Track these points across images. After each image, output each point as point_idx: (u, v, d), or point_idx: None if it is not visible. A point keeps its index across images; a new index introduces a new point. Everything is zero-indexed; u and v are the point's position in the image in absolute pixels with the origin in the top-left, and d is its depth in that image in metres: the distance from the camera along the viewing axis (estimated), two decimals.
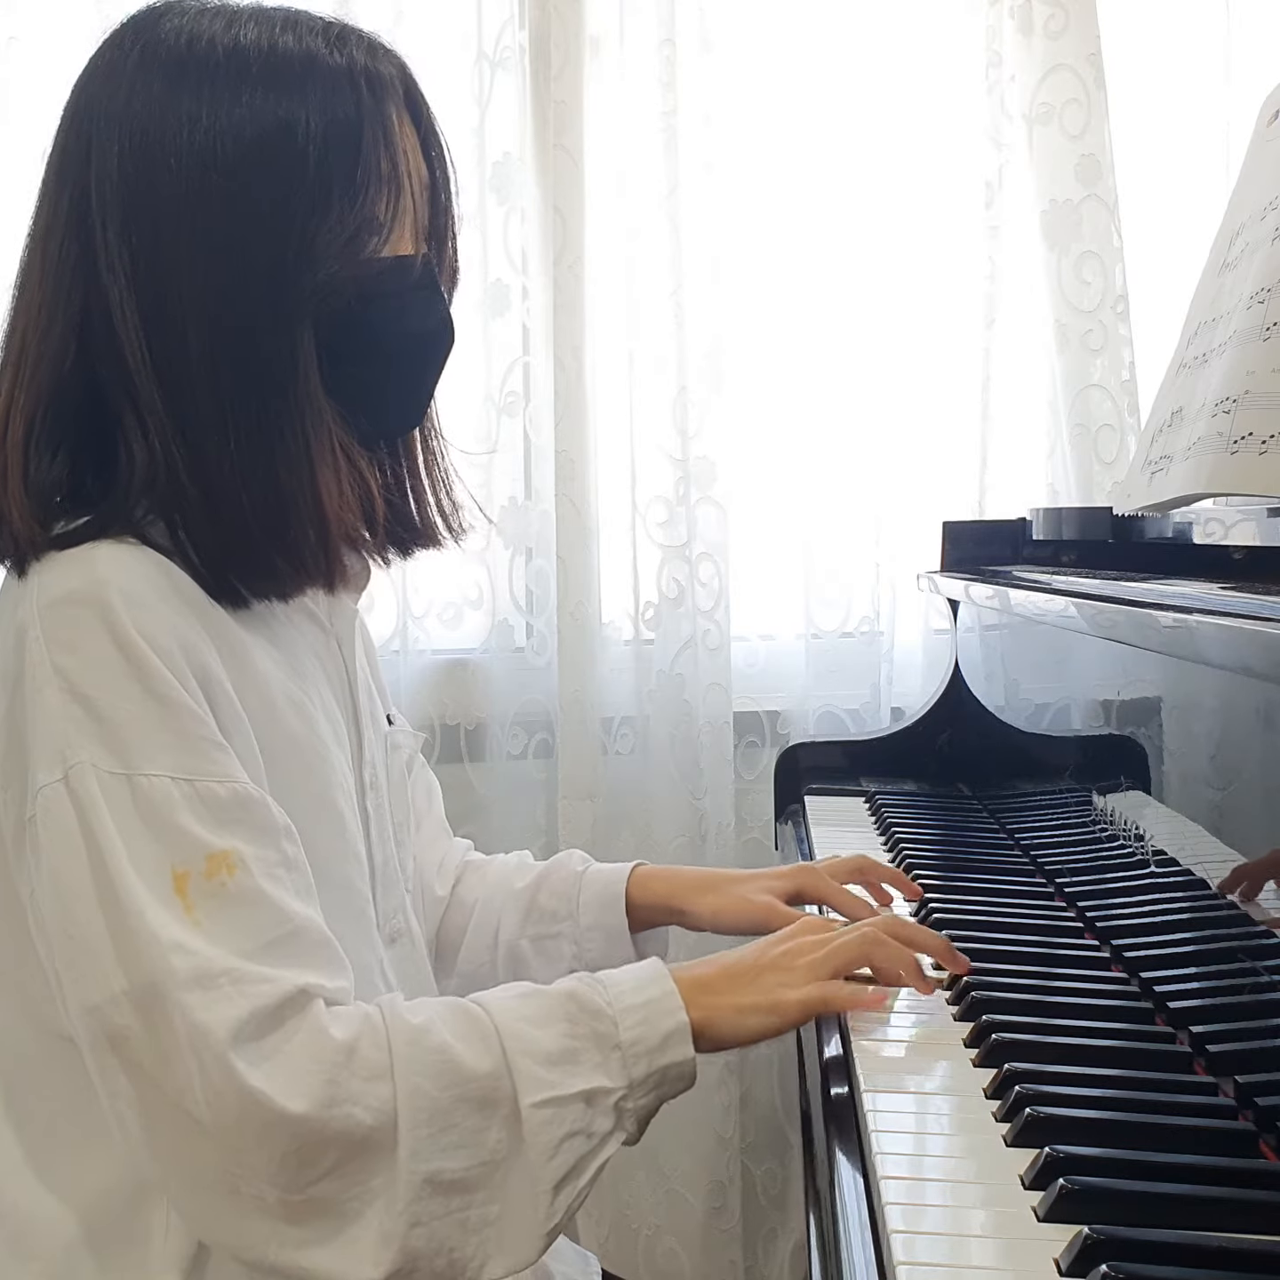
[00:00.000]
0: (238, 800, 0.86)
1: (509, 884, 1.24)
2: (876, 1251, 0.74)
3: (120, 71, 0.93)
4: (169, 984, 0.81)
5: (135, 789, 0.84)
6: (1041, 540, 1.77)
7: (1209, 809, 1.04)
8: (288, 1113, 0.82)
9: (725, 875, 1.23)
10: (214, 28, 0.93)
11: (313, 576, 0.95)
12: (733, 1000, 0.95)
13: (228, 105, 0.91)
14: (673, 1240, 2.06)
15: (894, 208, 2.05)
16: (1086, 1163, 0.78)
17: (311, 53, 0.93)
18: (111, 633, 0.85)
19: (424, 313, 0.99)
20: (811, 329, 2.07)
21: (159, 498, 0.91)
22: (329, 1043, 0.84)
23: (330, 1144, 0.83)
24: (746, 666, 2.10)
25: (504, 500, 2.01)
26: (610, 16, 2.00)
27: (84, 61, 0.97)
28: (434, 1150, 0.85)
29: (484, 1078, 0.87)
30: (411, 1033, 0.87)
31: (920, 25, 2.06)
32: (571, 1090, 0.88)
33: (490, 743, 2.04)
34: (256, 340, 0.91)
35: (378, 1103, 0.84)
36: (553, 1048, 0.89)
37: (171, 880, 0.83)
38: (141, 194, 0.91)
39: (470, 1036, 0.88)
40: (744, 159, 2.06)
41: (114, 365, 0.91)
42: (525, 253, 2.00)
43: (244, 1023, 0.82)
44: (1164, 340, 1.53)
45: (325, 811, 0.98)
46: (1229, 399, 1.08)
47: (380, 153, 0.94)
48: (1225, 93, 2.12)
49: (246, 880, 0.85)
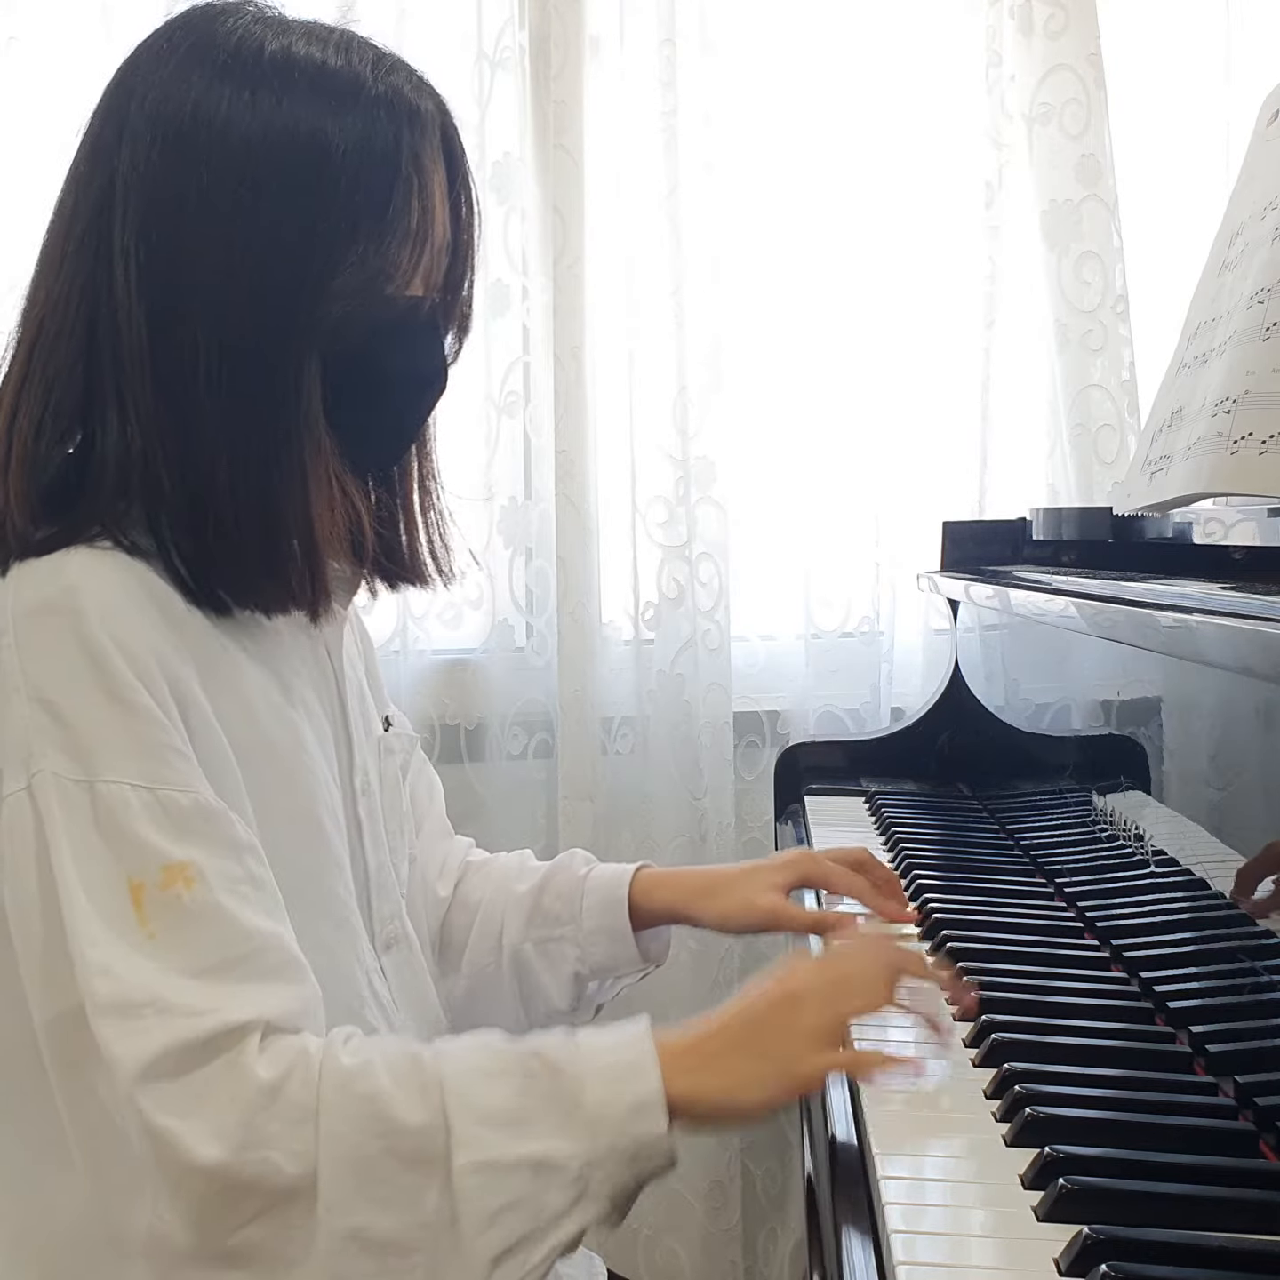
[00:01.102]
0: (200, 811, 0.84)
1: (512, 887, 1.22)
2: (876, 1251, 0.74)
3: (165, 65, 0.91)
4: (90, 1008, 0.79)
5: (95, 796, 0.82)
6: (1041, 540, 1.77)
7: (1209, 809, 1.04)
8: (199, 1157, 0.77)
9: (727, 875, 1.21)
10: (266, 35, 0.92)
11: (298, 600, 0.94)
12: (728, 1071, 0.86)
13: (266, 113, 0.89)
14: (673, 1240, 2.06)
15: (894, 208, 2.05)
16: (1086, 1163, 0.78)
17: (359, 78, 0.92)
18: (81, 640, 0.84)
19: (424, 356, 0.98)
20: (811, 329, 2.07)
21: (144, 501, 0.89)
22: (251, 1083, 0.79)
23: (250, 1190, 0.78)
24: (746, 666, 2.10)
25: (504, 500, 2.01)
26: (610, 16, 2.00)
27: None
28: (357, 1204, 0.79)
29: (415, 1132, 0.80)
30: (342, 1076, 0.81)
31: (920, 25, 2.05)
32: (514, 1154, 0.80)
33: (490, 743, 2.04)
34: (265, 359, 0.90)
35: (300, 1146, 0.79)
36: (500, 1106, 0.81)
37: (127, 891, 0.81)
38: (166, 190, 0.89)
39: (410, 1085, 0.81)
40: (744, 159, 2.06)
41: (113, 364, 0.90)
42: (525, 253, 2.00)
43: (157, 1058, 0.78)
44: (1164, 340, 1.53)
45: (305, 821, 0.96)
46: (1229, 399, 1.08)
47: (412, 202, 0.92)
48: (1225, 93, 2.12)
49: (203, 894, 0.82)
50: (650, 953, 1.19)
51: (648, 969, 1.20)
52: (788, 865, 1.20)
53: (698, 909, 1.18)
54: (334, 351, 0.92)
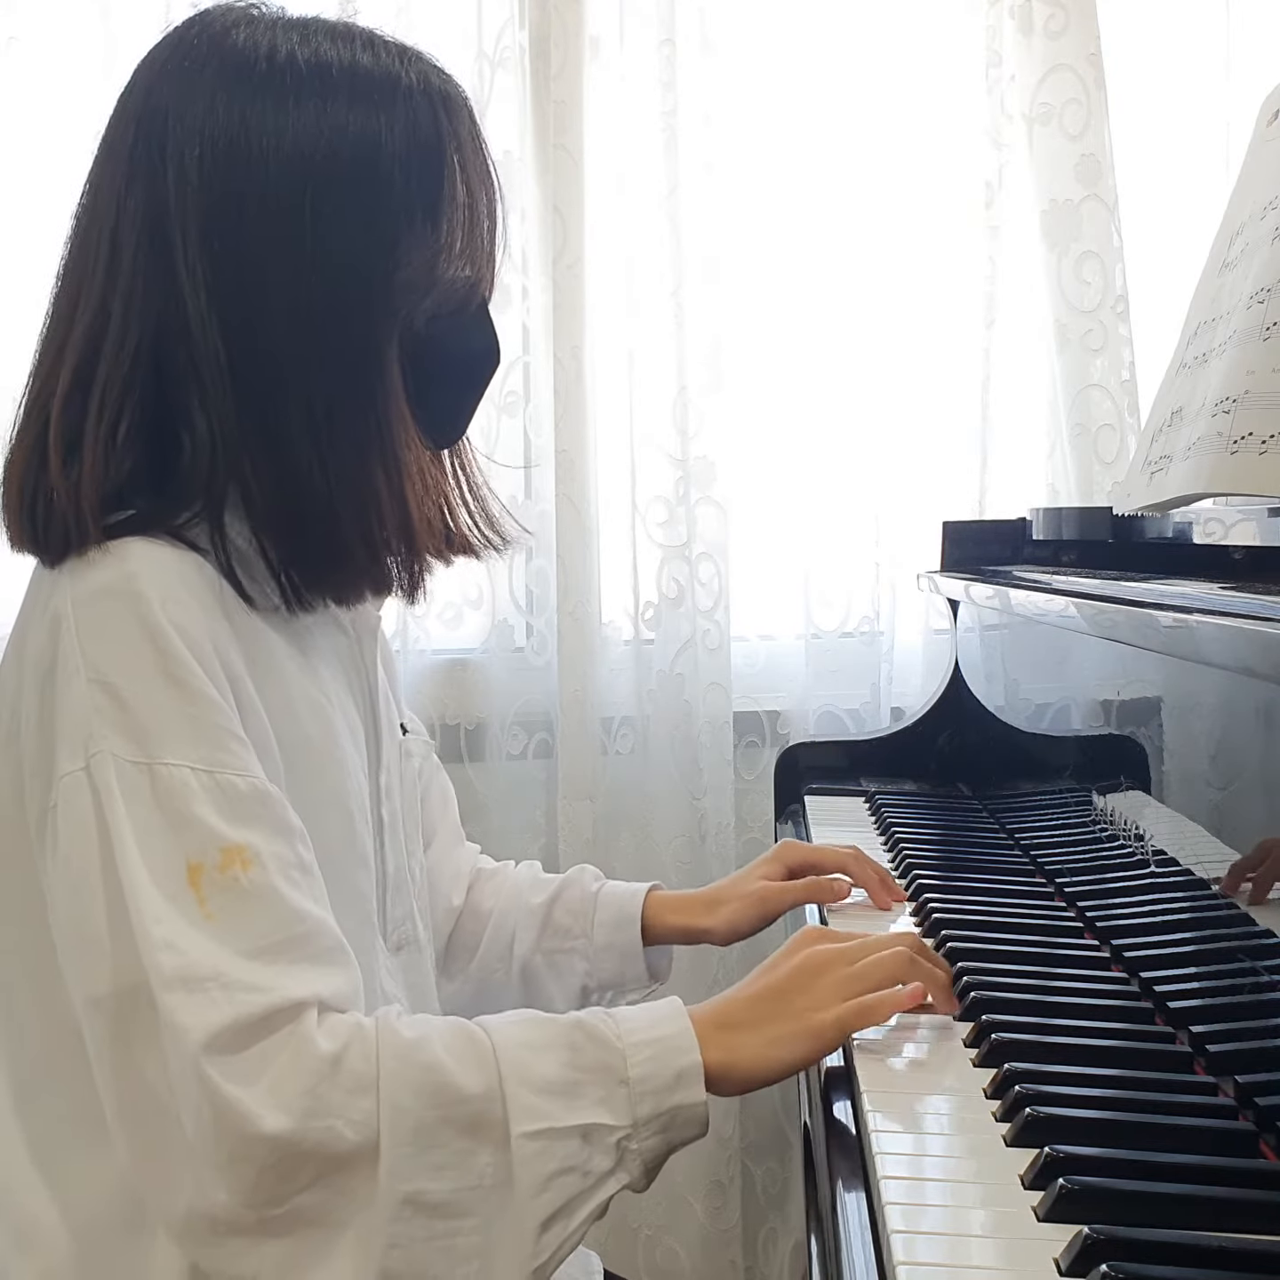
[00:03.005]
0: (256, 795, 0.86)
1: (525, 899, 1.25)
2: (876, 1251, 0.74)
3: (196, 79, 0.92)
4: (154, 982, 0.80)
5: (155, 778, 0.83)
6: (1041, 540, 1.77)
7: (1209, 809, 1.04)
8: (265, 1125, 0.79)
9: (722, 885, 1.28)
10: (291, 40, 0.93)
11: (397, 588, 0.98)
12: (758, 1033, 0.91)
13: (314, 120, 0.91)
14: (673, 1240, 2.06)
15: (894, 208, 2.05)
16: (1086, 1163, 0.78)
17: (392, 73, 0.94)
18: (142, 624, 0.85)
19: (480, 333, 1.02)
20: (811, 329, 2.07)
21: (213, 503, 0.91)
22: (314, 1054, 0.82)
23: (309, 1158, 0.81)
24: (746, 666, 2.10)
25: (504, 500, 2.01)
26: (610, 16, 2.00)
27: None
28: (416, 1169, 0.82)
29: (475, 1100, 0.84)
30: (402, 1047, 0.84)
31: (920, 25, 2.06)
32: (568, 1123, 0.84)
33: (490, 743, 2.04)
34: (345, 360, 0.92)
35: (360, 1116, 0.82)
36: (553, 1076, 0.85)
37: (185, 872, 0.83)
38: (225, 208, 0.90)
39: (465, 1057, 0.85)
40: (744, 159, 2.06)
41: (189, 374, 0.91)
42: (525, 252, 2.00)
43: (224, 1029, 0.80)
44: (1164, 340, 1.53)
45: (337, 815, 0.97)
46: (1229, 399, 1.08)
47: (458, 179, 0.95)
48: (1225, 93, 2.12)
49: (260, 876, 0.84)
50: (655, 970, 1.24)
51: (654, 987, 1.24)
52: (771, 858, 1.28)
53: (708, 925, 1.24)
54: (408, 341, 0.95)
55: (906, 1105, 0.90)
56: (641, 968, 1.22)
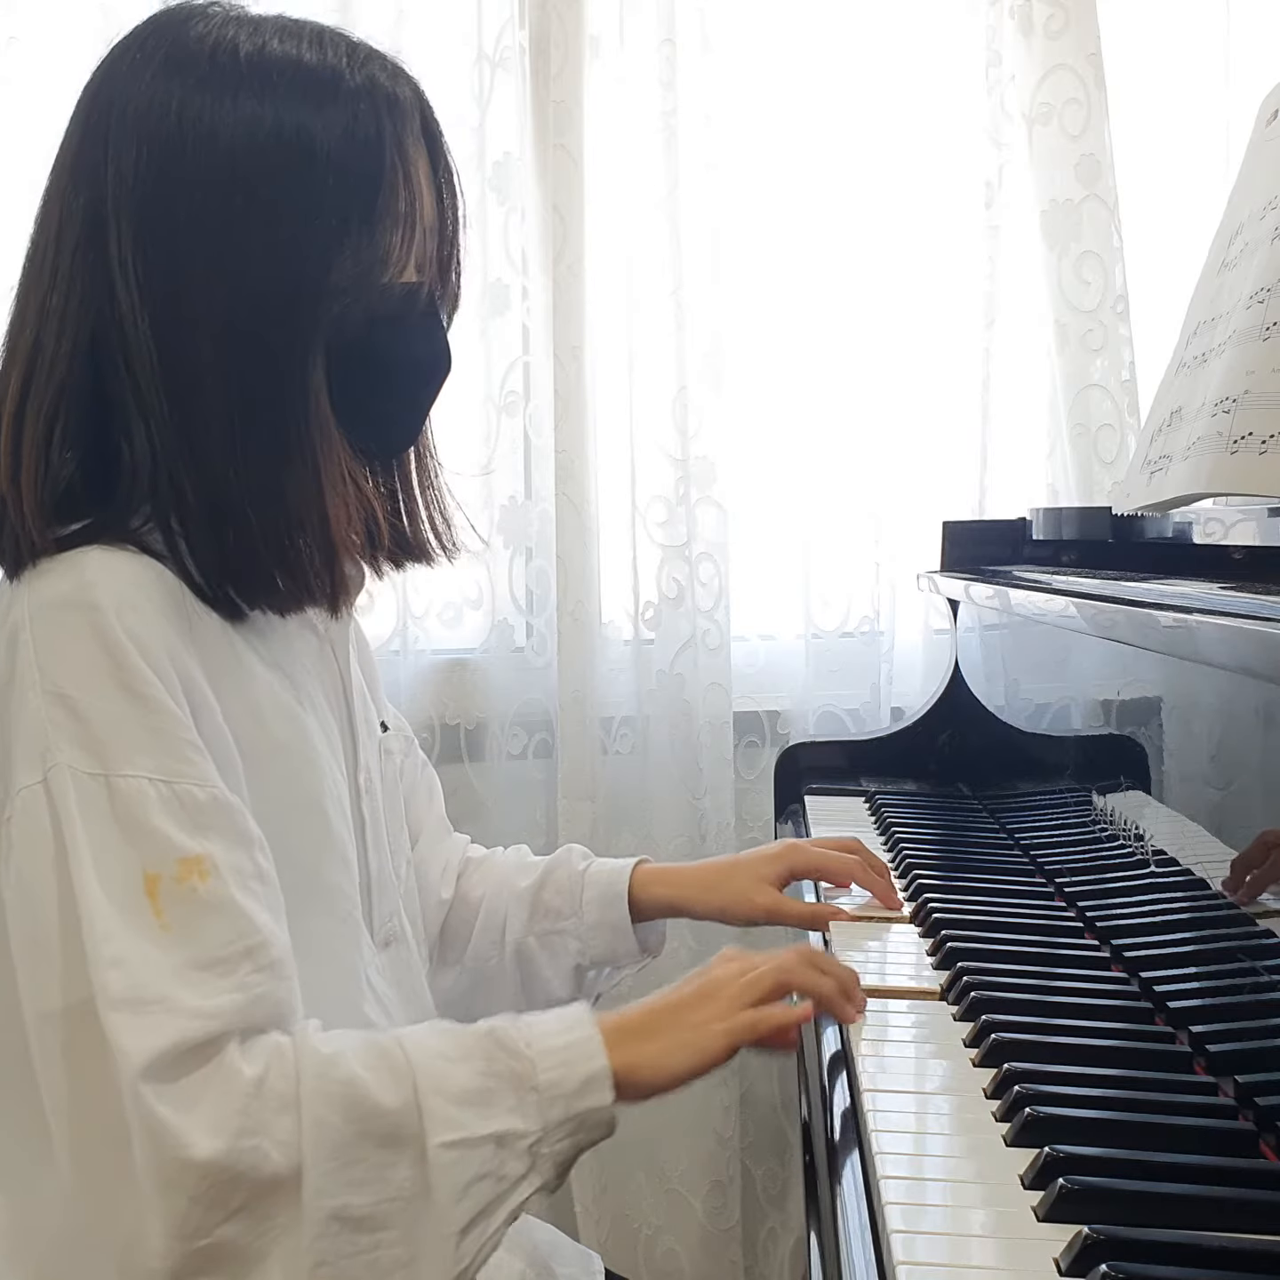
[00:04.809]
0: (215, 805, 0.85)
1: (514, 883, 1.25)
2: (876, 1251, 0.74)
3: (141, 75, 0.91)
4: (101, 1000, 0.80)
5: (112, 790, 0.83)
6: (1041, 540, 1.77)
7: (1209, 809, 1.04)
8: (197, 1150, 0.79)
9: (721, 868, 1.26)
10: (239, 36, 0.92)
11: (316, 598, 0.95)
12: (655, 1042, 0.92)
13: (249, 116, 0.89)
14: (673, 1240, 2.06)
15: (894, 207, 2.05)
16: (1086, 1162, 0.78)
17: (336, 71, 0.92)
18: (98, 635, 0.84)
19: (425, 340, 0.99)
20: (811, 329, 2.07)
21: (160, 507, 0.90)
22: (239, 1078, 0.81)
23: (239, 1182, 0.80)
24: (746, 666, 2.10)
25: (504, 500, 2.01)
26: (610, 16, 2.00)
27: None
28: (339, 1185, 0.81)
29: (391, 1113, 0.83)
30: (320, 1064, 0.83)
31: (920, 25, 2.05)
32: (482, 1132, 0.84)
33: (490, 743, 2.04)
34: (269, 362, 0.90)
35: (284, 1135, 0.81)
36: (467, 1086, 0.85)
37: (143, 882, 0.82)
38: (158, 202, 0.89)
39: (381, 1070, 0.84)
40: (744, 159, 2.06)
41: (124, 374, 0.90)
42: (525, 253, 2.00)
43: (163, 1054, 0.79)
44: (1164, 340, 1.52)
45: (313, 817, 0.97)
46: (1229, 399, 1.08)
47: (399, 189, 0.93)
48: (1225, 93, 2.12)
49: (218, 887, 0.83)
50: (648, 944, 1.24)
51: (645, 960, 1.25)
52: (777, 858, 1.26)
53: (697, 903, 1.24)
54: (339, 346, 0.93)
55: (906, 1105, 0.90)
56: (633, 943, 1.22)
